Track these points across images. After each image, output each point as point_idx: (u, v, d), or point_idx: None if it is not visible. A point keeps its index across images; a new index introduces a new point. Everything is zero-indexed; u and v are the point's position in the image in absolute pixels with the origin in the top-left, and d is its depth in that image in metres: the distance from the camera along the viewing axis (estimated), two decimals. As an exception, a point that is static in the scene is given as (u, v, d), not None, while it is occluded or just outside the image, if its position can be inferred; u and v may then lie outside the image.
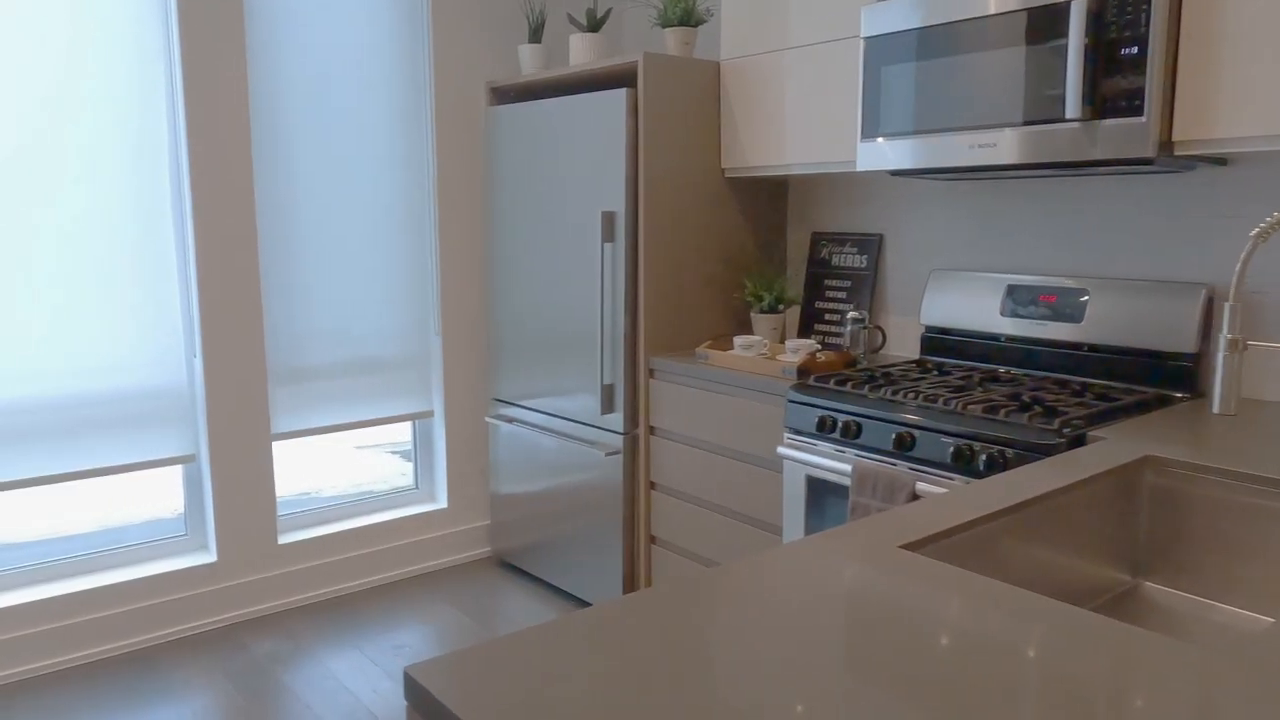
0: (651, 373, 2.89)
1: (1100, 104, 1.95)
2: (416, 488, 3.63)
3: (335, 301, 3.25)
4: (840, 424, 2.22)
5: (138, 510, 3.07)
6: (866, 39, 2.36)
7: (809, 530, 2.37)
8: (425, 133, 3.39)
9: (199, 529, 3.11)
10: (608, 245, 2.88)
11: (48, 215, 2.68)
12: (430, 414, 3.56)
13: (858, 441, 2.19)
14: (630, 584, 3.01)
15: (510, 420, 3.41)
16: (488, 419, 3.49)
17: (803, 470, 2.35)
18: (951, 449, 1.98)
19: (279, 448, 3.28)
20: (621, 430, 2.94)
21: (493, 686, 0.87)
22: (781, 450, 2.35)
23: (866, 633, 0.95)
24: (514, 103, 3.31)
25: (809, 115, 2.67)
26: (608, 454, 2.97)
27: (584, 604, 3.22)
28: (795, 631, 0.95)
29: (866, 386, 2.27)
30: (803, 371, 2.49)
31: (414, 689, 0.89)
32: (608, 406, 2.96)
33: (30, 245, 2.66)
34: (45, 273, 2.69)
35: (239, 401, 3.03)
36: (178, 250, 2.92)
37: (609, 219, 2.87)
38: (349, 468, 3.55)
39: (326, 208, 3.20)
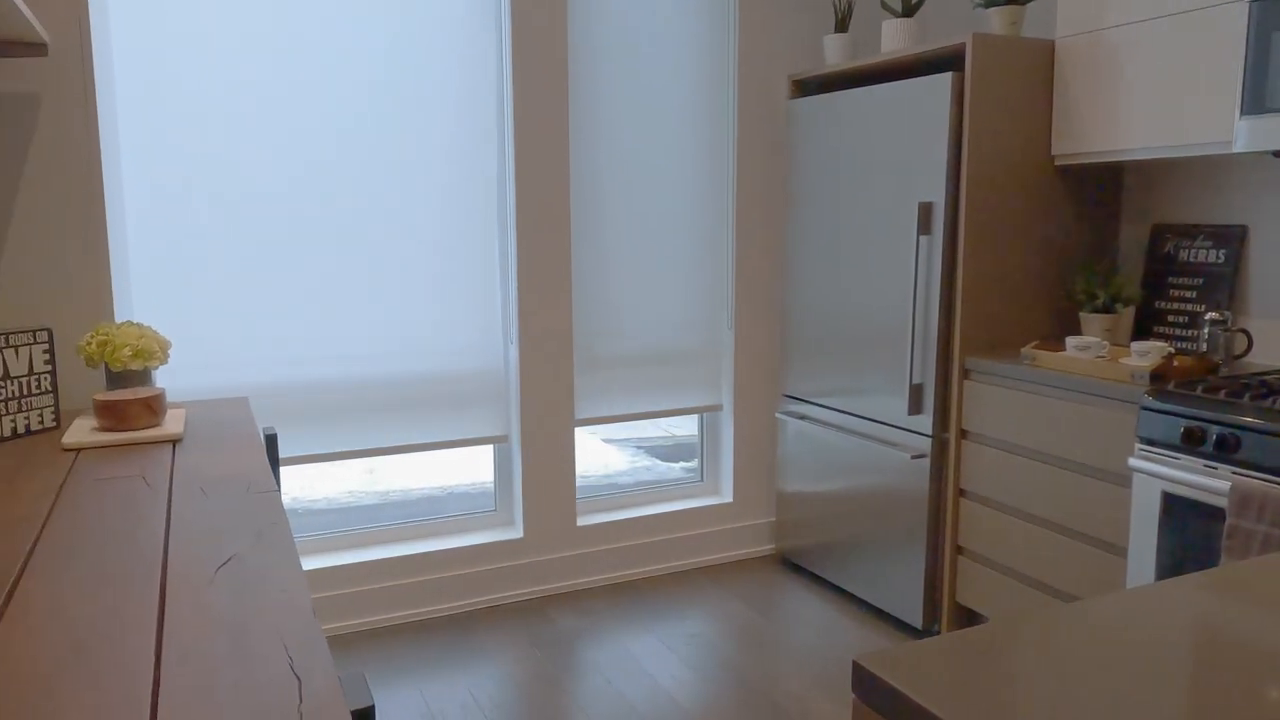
0: (966, 373, 2.73)
1: None
2: (702, 480, 3.67)
3: (635, 294, 3.35)
4: (1214, 436, 1.97)
5: (444, 482, 3.32)
6: (1256, 1, 2.08)
7: (1160, 552, 2.13)
8: (727, 127, 3.41)
9: (507, 506, 3.30)
10: (923, 238, 2.75)
11: (395, 217, 2.94)
12: (719, 407, 3.58)
13: (1236, 457, 1.94)
14: (933, 595, 2.86)
15: (801, 417, 3.35)
16: (778, 415, 3.45)
17: (1158, 485, 2.12)
18: (1372, 471, 1.70)
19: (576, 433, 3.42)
20: (929, 433, 2.80)
21: (950, 681, 0.81)
22: (1133, 462, 2.13)
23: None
24: (814, 95, 3.25)
25: (1162, 93, 2.40)
26: (913, 457, 2.83)
27: (879, 611, 3.11)
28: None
29: (1246, 395, 2.01)
30: (1156, 376, 2.25)
31: (866, 678, 0.85)
32: (915, 408, 2.83)
33: (376, 243, 2.93)
34: (386, 265, 2.96)
35: (547, 386, 3.19)
36: (500, 245, 3.11)
37: (926, 210, 2.74)
38: (599, 458, 3.65)
39: (631, 203, 3.29)
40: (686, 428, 3.83)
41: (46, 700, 0.83)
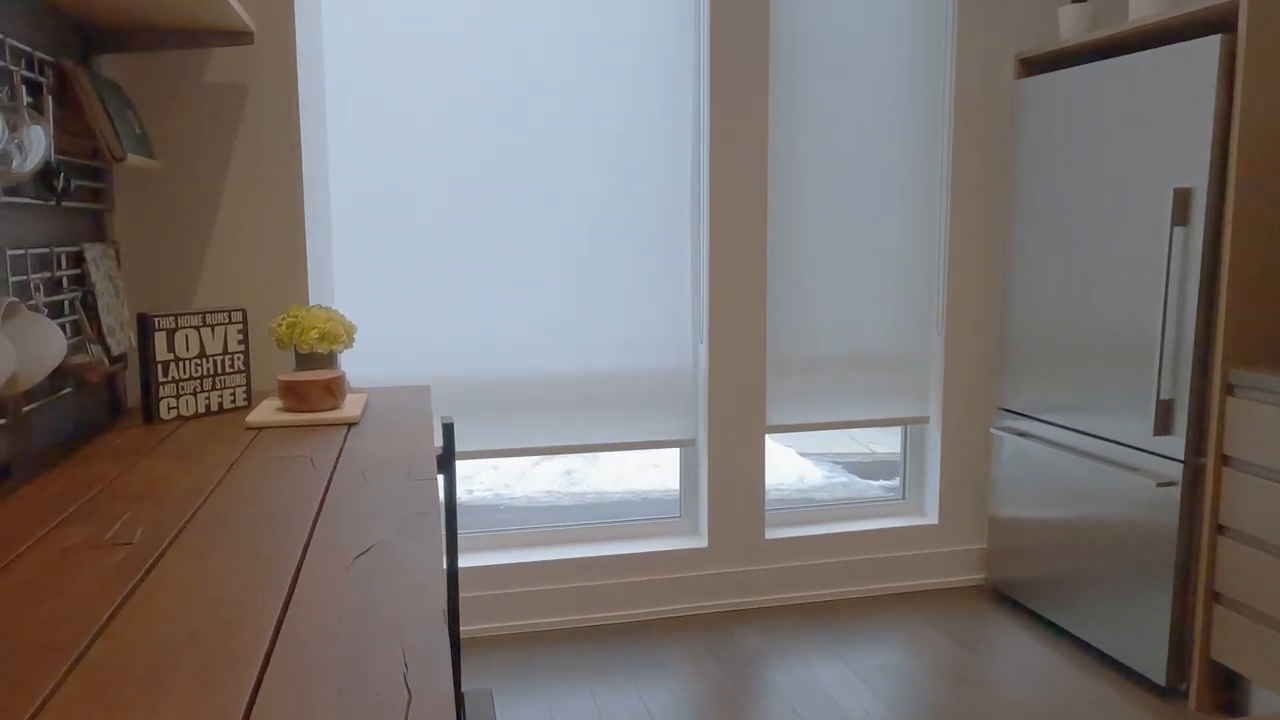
0: (1230, 389, 2.31)
1: None
2: (904, 499, 3.37)
3: (834, 294, 3.11)
4: None
5: (638, 486, 3.21)
6: None
7: None
8: (942, 113, 3.11)
9: (692, 513, 3.16)
10: (1178, 230, 2.36)
11: (586, 212, 2.88)
12: (925, 420, 3.27)
13: None
14: (1180, 648, 2.44)
15: (1021, 434, 2.99)
16: (993, 431, 3.10)
17: None
18: None
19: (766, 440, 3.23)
20: (1181, 458, 2.39)
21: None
22: None
23: None
24: (1045, 73, 2.89)
25: None
26: (1159, 485, 2.44)
27: (1110, 660, 2.70)
28: None
29: None
30: None
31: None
32: (1163, 427, 2.43)
33: (567, 238, 2.88)
34: (577, 259, 2.89)
35: (737, 390, 3.01)
36: (692, 241, 2.98)
37: (1183, 198, 2.35)
38: (794, 471, 3.42)
39: (832, 196, 3.07)
40: (887, 444, 3.55)
41: (146, 689, 0.76)
